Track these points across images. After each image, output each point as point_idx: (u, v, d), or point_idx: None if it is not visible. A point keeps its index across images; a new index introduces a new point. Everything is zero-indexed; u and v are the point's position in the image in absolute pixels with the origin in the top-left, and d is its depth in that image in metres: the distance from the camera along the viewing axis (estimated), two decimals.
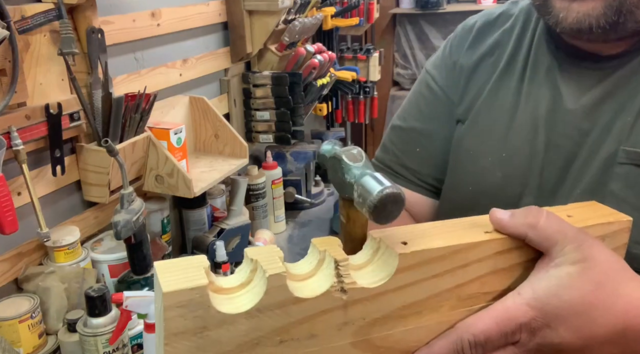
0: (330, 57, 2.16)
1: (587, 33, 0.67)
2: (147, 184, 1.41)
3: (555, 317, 0.48)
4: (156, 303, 0.44)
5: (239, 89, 1.92)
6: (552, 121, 0.75)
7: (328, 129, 2.88)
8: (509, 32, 0.84)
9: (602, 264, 0.49)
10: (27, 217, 1.17)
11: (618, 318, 0.48)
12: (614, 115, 0.70)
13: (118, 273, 1.30)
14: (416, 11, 3.51)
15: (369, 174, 0.46)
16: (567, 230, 0.50)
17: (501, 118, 0.80)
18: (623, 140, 0.69)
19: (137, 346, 1.18)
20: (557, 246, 0.49)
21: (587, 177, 0.71)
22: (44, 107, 1.16)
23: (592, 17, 0.65)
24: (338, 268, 0.46)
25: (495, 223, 0.52)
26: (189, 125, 1.64)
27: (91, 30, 1.24)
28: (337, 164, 0.49)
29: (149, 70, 1.51)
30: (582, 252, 0.49)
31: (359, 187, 0.46)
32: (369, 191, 0.45)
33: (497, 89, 0.82)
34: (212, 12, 1.75)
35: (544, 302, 0.48)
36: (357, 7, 2.58)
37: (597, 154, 0.71)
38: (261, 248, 0.47)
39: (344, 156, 0.49)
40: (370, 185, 0.45)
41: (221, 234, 1.62)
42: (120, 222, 1.16)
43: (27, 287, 1.17)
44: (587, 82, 0.73)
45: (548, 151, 0.75)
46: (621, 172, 0.68)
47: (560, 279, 0.48)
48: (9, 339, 1.07)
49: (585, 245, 0.49)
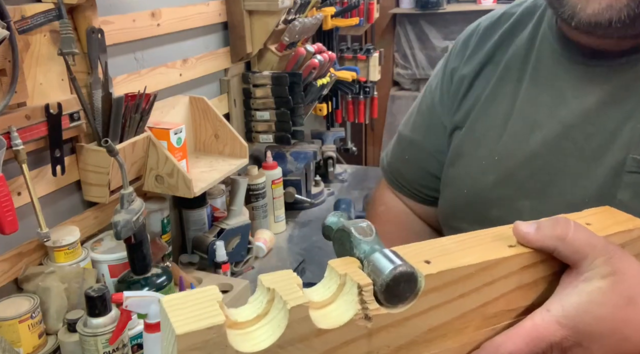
0: (330, 57, 2.16)
1: (604, 28, 0.62)
2: (147, 184, 1.41)
3: (588, 335, 0.46)
4: (164, 342, 0.40)
5: (239, 89, 1.92)
6: (552, 124, 0.73)
7: (328, 129, 2.88)
8: (508, 34, 0.82)
9: (633, 277, 0.47)
10: (27, 217, 1.17)
11: None
12: (621, 121, 0.67)
13: (118, 273, 1.30)
14: (416, 11, 3.51)
15: (379, 251, 0.44)
16: (596, 242, 0.48)
17: (497, 122, 0.78)
18: (632, 148, 0.66)
19: (137, 346, 1.18)
20: (587, 259, 0.47)
21: (593, 185, 0.69)
22: (44, 107, 1.16)
23: (614, 10, 0.61)
24: (362, 294, 0.42)
25: (521, 238, 0.49)
26: (189, 125, 1.64)
27: (91, 30, 1.24)
28: (345, 238, 0.46)
29: (149, 70, 1.51)
30: (612, 266, 0.47)
31: (370, 264, 0.43)
32: (380, 270, 0.42)
33: (495, 94, 0.80)
34: (212, 12, 1.75)
35: (576, 320, 0.46)
36: (357, 7, 2.58)
37: (602, 160, 0.68)
38: (277, 275, 0.43)
39: (353, 230, 0.46)
40: (381, 263, 0.43)
41: (221, 234, 1.62)
42: (120, 222, 1.16)
43: (27, 287, 1.17)
44: (591, 82, 0.70)
45: (545, 153, 0.73)
46: (630, 181, 0.65)
47: (590, 294, 0.46)
48: (9, 339, 1.07)
49: (615, 258, 0.47)
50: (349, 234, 0.46)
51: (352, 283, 0.43)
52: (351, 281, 0.43)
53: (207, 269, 1.59)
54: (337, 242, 0.48)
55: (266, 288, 0.42)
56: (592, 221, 0.54)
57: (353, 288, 0.43)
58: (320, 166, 2.39)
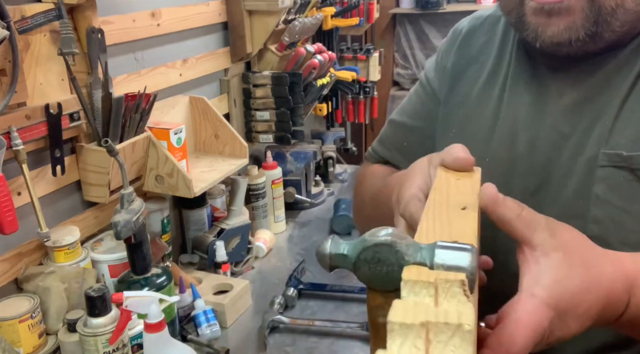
0: (330, 57, 2.16)
1: (566, 46, 0.67)
2: (147, 184, 1.41)
3: (566, 310, 0.49)
4: None
5: (239, 89, 1.92)
6: (533, 125, 0.76)
7: (328, 129, 2.88)
8: (492, 43, 0.85)
9: (579, 247, 0.51)
10: (27, 217, 1.17)
11: (602, 296, 0.50)
12: (594, 118, 0.71)
13: (118, 273, 1.30)
14: (416, 11, 3.51)
15: (437, 247, 0.42)
16: (538, 218, 0.51)
17: (485, 125, 0.81)
18: (603, 143, 0.69)
19: (137, 346, 1.17)
20: (535, 233, 0.50)
21: (572, 181, 0.72)
22: (44, 107, 1.16)
23: (571, 31, 0.66)
24: (465, 290, 0.39)
25: (488, 198, 0.52)
26: (189, 125, 1.64)
27: (91, 30, 1.24)
28: (387, 252, 0.43)
29: (149, 70, 1.51)
30: (557, 239, 0.50)
31: (442, 262, 0.41)
32: (459, 261, 0.40)
33: (481, 97, 0.83)
34: (212, 12, 1.75)
35: (558, 298, 0.48)
36: (357, 7, 2.58)
37: (580, 157, 0.71)
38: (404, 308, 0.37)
39: (394, 241, 0.42)
40: (452, 255, 0.41)
41: (221, 234, 1.62)
42: (120, 222, 1.16)
43: (27, 287, 1.17)
44: (565, 85, 0.74)
45: (530, 154, 0.76)
46: (603, 175, 0.69)
47: (558, 269, 0.49)
48: (9, 339, 1.07)
49: (558, 231, 0.51)
50: (391, 246, 0.43)
51: (450, 283, 0.39)
52: (447, 282, 0.39)
53: (207, 269, 1.59)
54: (371, 263, 0.43)
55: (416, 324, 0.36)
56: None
57: (453, 288, 0.39)
58: (320, 166, 2.39)
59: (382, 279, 0.43)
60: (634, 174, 0.67)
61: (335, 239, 0.46)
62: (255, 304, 1.52)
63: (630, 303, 0.52)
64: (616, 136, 0.69)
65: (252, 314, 1.49)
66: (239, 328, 1.44)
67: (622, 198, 0.67)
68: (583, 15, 0.65)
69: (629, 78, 0.69)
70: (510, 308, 0.48)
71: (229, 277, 1.57)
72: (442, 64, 0.91)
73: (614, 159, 0.68)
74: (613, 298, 0.51)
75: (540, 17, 0.68)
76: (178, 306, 1.36)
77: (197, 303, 1.39)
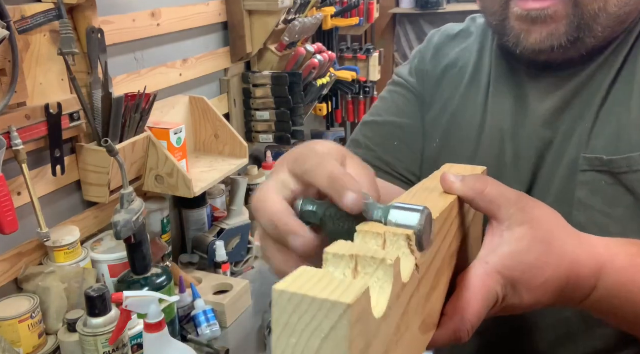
0: (330, 57, 2.16)
1: (547, 53, 0.67)
2: (147, 184, 1.41)
3: (519, 281, 0.50)
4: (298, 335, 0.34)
5: (239, 89, 1.92)
6: (517, 133, 0.76)
7: (328, 129, 2.88)
8: (469, 51, 0.85)
9: (547, 223, 0.51)
10: (27, 217, 1.17)
11: (563, 274, 0.51)
12: (573, 123, 0.71)
13: (118, 273, 1.30)
14: (416, 11, 3.52)
15: (393, 207, 0.44)
16: (510, 195, 0.52)
17: (470, 135, 0.80)
18: (583, 147, 0.69)
19: (137, 346, 1.17)
20: (502, 209, 0.51)
21: (554, 187, 0.72)
22: (44, 107, 1.16)
23: (554, 38, 0.66)
24: (410, 246, 0.42)
25: (447, 187, 0.53)
26: (189, 125, 1.64)
27: (91, 30, 1.25)
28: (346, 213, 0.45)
29: (149, 70, 1.51)
30: (526, 214, 0.51)
31: (395, 219, 0.44)
32: (409, 219, 0.43)
33: (466, 104, 0.82)
34: (212, 12, 1.75)
35: (512, 268, 0.49)
36: (357, 7, 2.58)
37: (561, 163, 0.72)
38: (341, 244, 0.41)
39: None
40: (405, 214, 0.43)
41: (221, 234, 1.62)
42: (120, 222, 1.16)
43: (27, 287, 1.17)
44: (545, 91, 0.74)
45: (515, 163, 0.76)
46: (584, 179, 0.69)
47: (518, 242, 0.50)
48: (9, 339, 1.07)
49: (528, 207, 0.51)
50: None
51: (397, 237, 0.42)
52: (394, 236, 0.42)
53: (207, 269, 1.59)
54: (334, 219, 0.47)
55: (346, 255, 0.39)
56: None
57: (399, 242, 0.42)
58: None
59: (344, 235, 0.45)
60: (616, 178, 0.67)
61: (307, 198, 0.49)
62: (255, 304, 1.52)
63: (598, 286, 0.53)
64: (595, 139, 0.69)
65: (252, 314, 1.49)
66: (239, 328, 1.44)
67: (604, 202, 0.68)
68: (567, 22, 0.65)
69: (606, 81, 0.70)
70: (464, 276, 0.50)
71: (229, 277, 1.57)
72: (420, 68, 0.89)
73: (595, 163, 0.68)
74: (577, 278, 0.52)
75: (524, 23, 0.67)
76: (178, 306, 1.36)
77: (197, 303, 1.39)
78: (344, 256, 0.39)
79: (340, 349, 0.33)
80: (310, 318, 0.33)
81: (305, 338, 0.34)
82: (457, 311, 0.49)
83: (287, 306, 0.34)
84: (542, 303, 0.52)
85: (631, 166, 0.66)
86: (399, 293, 0.39)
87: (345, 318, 0.32)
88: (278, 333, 0.34)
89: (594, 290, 0.53)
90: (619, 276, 0.53)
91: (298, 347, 0.34)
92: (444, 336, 0.49)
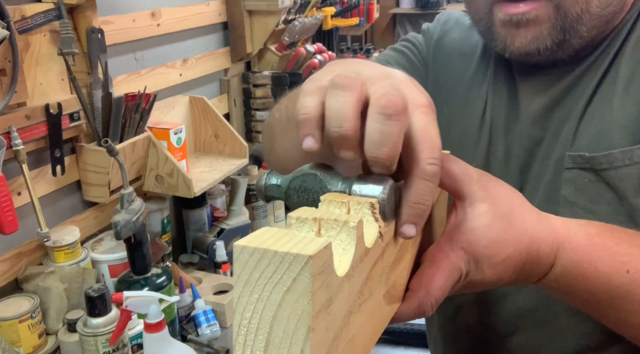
0: (330, 57, 2.16)
1: (535, 56, 0.68)
2: (147, 184, 1.41)
3: (482, 256, 0.50)
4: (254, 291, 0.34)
5: (239, 89, 1.92)
6: (510, 129, 0.77)
7: None
8: (475, 45, 0.85)
9: (508, 200, 0.52)
10: (27, 217, 1.17)
11: (523, 250, 0.52)
12: (562, 122, 0.72)
13: (118, 273, 1.30)
14: (416, 11, 3.52)
15: (356, 178, 0.45)
16: (471, 173, 0.52)
17: (472, 128, 0.81)
18: (568, 145, 0.70)
19: (137, 346, 1.17)
20: (464, 186, 0.51)
21: (543, 185, 0.73)
22: (44, 107, 1.16)
23: (539, 40, 0.67)
24: (374, 213, 0.43)
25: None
26: (189, 125, 1.64)
27: (91, 30, 1.25)
28: (312, 182, 0.46)
29: (149, 70, 1.51)
30: (487, 191, 0.51)
31: (359, 189, 0.45)
32: (373, 188, 0.44)
33: (467, 99, 0.83)
34: (212, 12, 1.75)
35: (474, 243, 0.50)
36: (357, 7, 2.58)
37: (549, 161, 0.73)
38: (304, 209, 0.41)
39: (318, 172, 0.46)
40: (369, 184, 0.44)
41: (221, 234, 1.62)
42: (120, 222, 1.16)
43: (27, 287, 1.17)
44: (536, 89, 0.75)
45: (507, 160, 0.76)
46: (569, 177, 0.70)
47: (480, 218, 0.50)
48: (9, 339, 1.07)
49: (490, 184, 0.52)
50: (316, 175, 0.46)
51: (360, 205, 0.43)
52: (358, 204, 0.43)
53: (207, 269, 1.59)
54: (299, 192, 0.47)
55: (309, 218, 0.40)
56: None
57: (363, 209, 0.43)
58: None
59: (309, 206, 0.46)
60: (598, 174, 0.68)
61: (271, 172, 0.49)
62: None
63: (555, 263, 0.54)
64: (580, 137, 0.70)
65: None
66: None
67: (587, 199, 0.69)
68: (550, 24, 0.66)
69: (593, 81, 0.71)
70: (429, 252, 0.51)
71: (229, 277, 1.57)
72: (429, 39, 0.89)
73: (578, 160, 0.69)
74: (536, 256, 0.53)
75: (508, 28, 0.68)
76: (178, 306, 1.36)
77: (197, 303, 1.39)
78: (307, 219, 0.40)
79: (303, 301, 0.33)
80: (271, 272, 0.33)
81: (267, 292, 0.34)
82: (421, 286, 0.50)
83: (249, 261, 0.34)
84: (503, 280, 0.52)
85: (612, 163, 0.67)
86: (362, 256, 0.39)
87: (306, 269, 0.32)
88: (240, 290, 0.34)
89: (552, 267, 0.54)
90: (575, 254, 0.54)
91: (260, 302, 0.34)
92: (409, 309, 0.50)
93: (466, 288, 0.53)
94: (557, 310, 0.73)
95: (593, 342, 0.72)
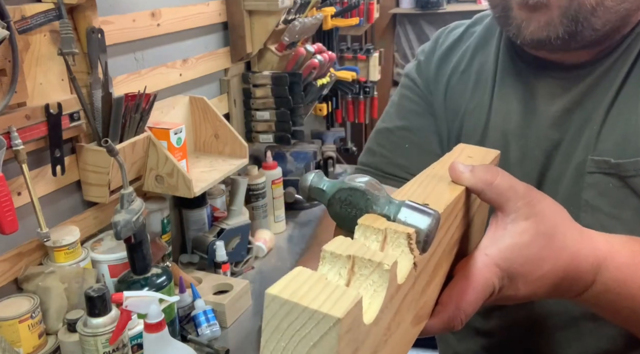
0: (330, 57, 2.16)
1: (547, 44, 0.68)
2: (147, 184, 1.41)
3: (517, 274, 0.50)
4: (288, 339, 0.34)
5: (239, 89, 1.92)
6: (524, 134, 0.76)
7: (328, 129, 2.88)
8: (472, 51, 0.86)
9: (552, 217, 0.52)
10: (27, 217, 1.17)
11: (561, 268, 0.51)
12: (582, 124, 0.71)
13: (118, 273, 1.30)
14: (416, 11, 3.52)
15: (404, 205, 0.44)
16: (518, 187, 0.52)
17: (476, 135, 0.81)
18: (590, 149, 0.70)
19: (137, 346, 1.17)
20: (510, 201, 0.51)
21: (562, 188, 0.72)
22: (44, 107, 1.16)
23: (550, 27, 0.67)
24: (410, 244, 0.42)
25: (455, 177, 0.53)
26: (189, 125, 1.64)
27: (91, 30, 1.24)
28: (359, 197, 0.45)
29: (149, 70, 1.51)
30: (532, 208, 0.51)
31: (405, 217, 0.43)
32: (419, 220, 0.43)
33: (471, 110, 0.83)
34: (212, 12, 1.75)
35: (510, 261, 0.50)
36: (357, 7, 2.58)
37: (569, 164, 0.72)
38: (340, 240, 0.40)
39: (366, 188, 0.45)
40: (416, 214, 0.43)
41: (221, 234, 1.62)
42: (120, 222, 1.16)
43: (27, 287, 1.17)
44: (554, 92, 0.74)
45: (522, 163, 0.76)
46: (592, 181, 0.69)
47: (520, 235, 0.50)
48: (9, 339, 1.07)
49: (535, 200, 0.52)
50: (364, 193, 0.45)
51: (397, 234, 0.42)
52: (395, 233, 0.42)
53: (207, 269, 1.59)
54: (343, 203, 0.46)
55: (343, 255, 0.39)
56: (472, 154, 0.59)
57: (399, 239, 0.42)
58: (320, 166, 2.39)
59: (350, 221, 0.45)
60: (623, 181, 0.67)
61: (319, 174, 0.48)
62: (255, 304, 1.52)
63: (596, 281, 0.53)
64: (603, 141, 0.69)
65: (252, 314, 1.49)
66: (239, 328, 1.44)
67: (612, 204, 0.68)
68: (560, 12, 0.66)
69: (615, 83, 0.70)
70: (462, 265, 0.51)
71: (229, 277, 1.57)
72: (426, 70, 0.90)
73: (602, 165, 0.68)
74: (576, 273, 0.52)
75: (524, 11, 0.68)
76: (178, 306, 1.36)
77: (197, 303, 1.39)
78: (341, 256, 0.39)
79: None
80: (300, 325, 0.34)
81: (294, 343, 0.34)
82: (452, 300, 0.49)
83: (279, 311, 0.34)
84: (538, 295, 0.52)
85: (638, 170, 0.66)
86: (392, 294, 0.39)
87: (334, 330, 0.33)
88: (268, 335, 0.35)
89: (592, 284, 0.54)
90: (618, 272, 0.53)
91: (286, 351, 0.34)
92: (438, 324, 0.50)
93: (498, 301, 0.52)
94: (576, 314, 0.73)
95: (613, 346, 0.72)
